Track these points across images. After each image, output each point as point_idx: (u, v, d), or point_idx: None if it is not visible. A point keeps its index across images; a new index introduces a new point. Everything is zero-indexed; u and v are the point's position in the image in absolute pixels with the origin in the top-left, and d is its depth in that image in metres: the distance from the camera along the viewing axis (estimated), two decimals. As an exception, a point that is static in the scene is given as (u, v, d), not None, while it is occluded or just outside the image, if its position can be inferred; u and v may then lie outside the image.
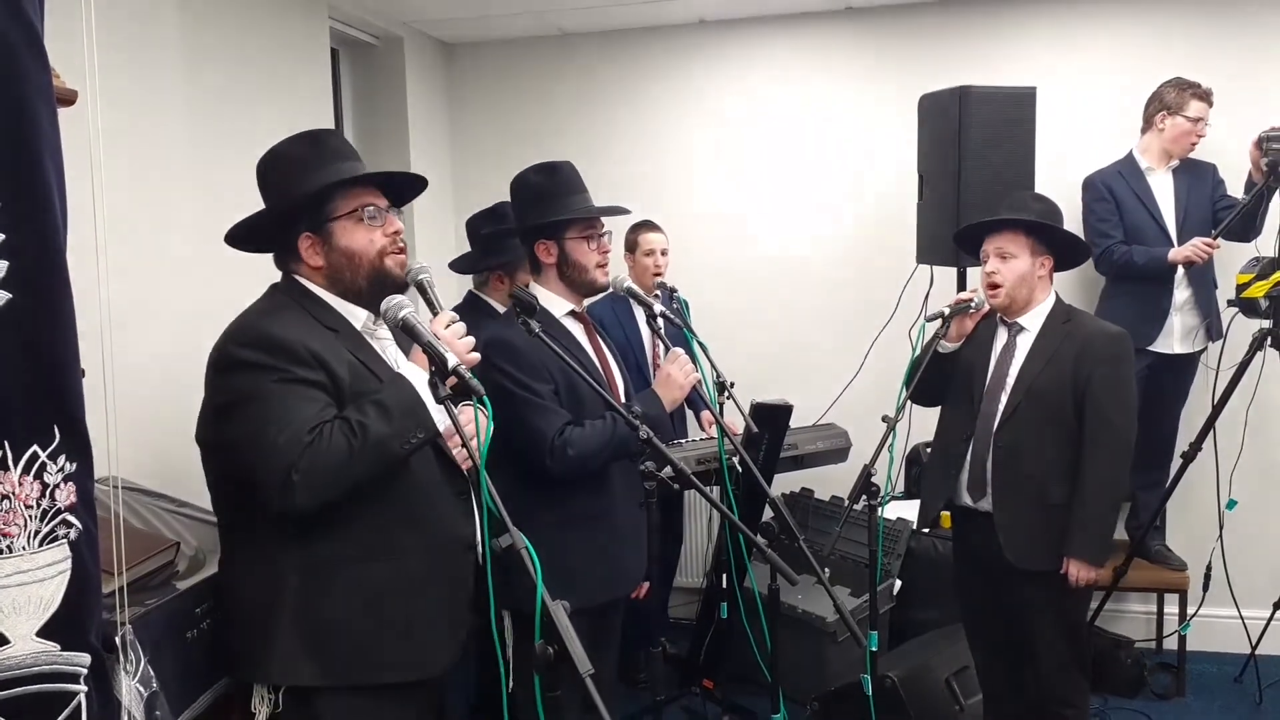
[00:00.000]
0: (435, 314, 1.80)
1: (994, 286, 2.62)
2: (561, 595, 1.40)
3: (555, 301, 2.40)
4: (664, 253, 3.80)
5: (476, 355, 1.81)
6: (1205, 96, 3.58)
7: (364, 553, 1.76)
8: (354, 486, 1.69)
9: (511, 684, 2.16)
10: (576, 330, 2.43)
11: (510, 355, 2.27)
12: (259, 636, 1.76)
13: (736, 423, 3.07)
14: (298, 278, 1.85)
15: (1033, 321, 2.66)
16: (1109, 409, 2.55)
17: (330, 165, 1.81)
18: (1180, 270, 3.57)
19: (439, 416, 1.71)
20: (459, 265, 3.45)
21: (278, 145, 1.86)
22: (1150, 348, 3.63)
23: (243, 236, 1.88)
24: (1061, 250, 2.68)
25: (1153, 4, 3.90)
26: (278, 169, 1.84)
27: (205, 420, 1.79)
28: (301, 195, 1.79)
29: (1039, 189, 3.27)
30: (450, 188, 4.51)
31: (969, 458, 2.69)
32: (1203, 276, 3.66)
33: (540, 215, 2.37)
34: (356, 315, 1.86)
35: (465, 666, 2.76)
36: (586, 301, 2.51)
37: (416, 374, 1.72)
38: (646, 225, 3.83)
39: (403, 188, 1.97)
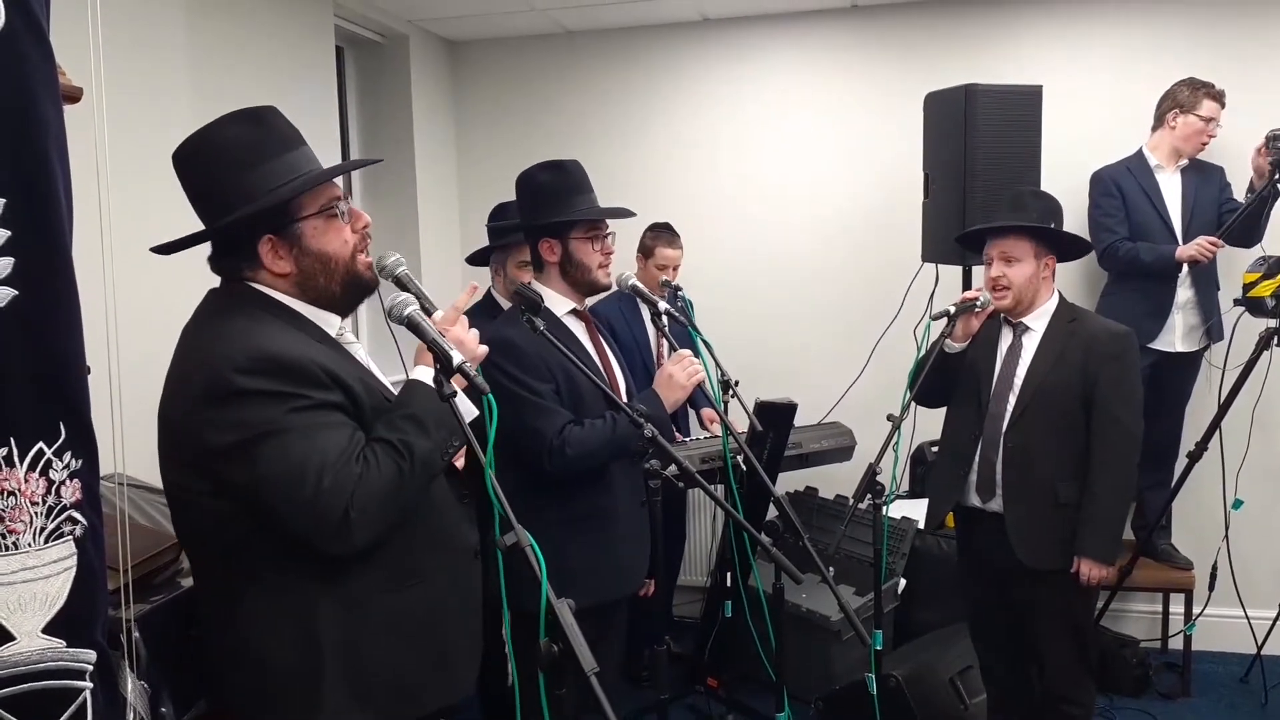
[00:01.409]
0: (426, 308, 1.65)
1: (999, 289, 2.62)
2: (565, 594, 1.39)
3: (557, 300, 2.39)
4: (676, 268, 3.79)
5: (484, 349, 1.73)
6: (1218, 97, 3.58)
7: (394, 580, 1.60)
8: (407, 510, 1.56)
9: (511, 680, 2.15)
10: (578, 329, 2.42)
11: (510, 354, 2.26)
12: (300, 697, 1.55)
13: (741, 422, 3.07)
14: (255, 285, 1.59)
15: (1038, 321, 2.65)
16: (1116, 407, 2.54)
17: (285, 154, 1.58)
18: (1185, 269, 3.57)
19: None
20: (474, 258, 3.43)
21: (208, 133, 1.58)
22: (1153, 346, 3.62)
23: (181, 243, 1.64)
24: (1064, 247, 2.69)
25: (1158, 3, 3.88)
26: (220, 164, 1.56)
27: (203, 462, 1.50)
28: (264, 198, 1.54)
29: (1044, 188, 3.27)
30: (455, 185, 4.51)
31: (977, 459, 2.68)
32: (1206, 276, 3.65)
33: (546, 213, 2.36)
34: (330, 322, 1.65)
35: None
36: (593, 300, 2.50)
37: (431, 377, 1.56)
38: (666, 238, 3.79)
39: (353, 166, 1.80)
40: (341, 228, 1.63)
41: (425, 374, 1.59)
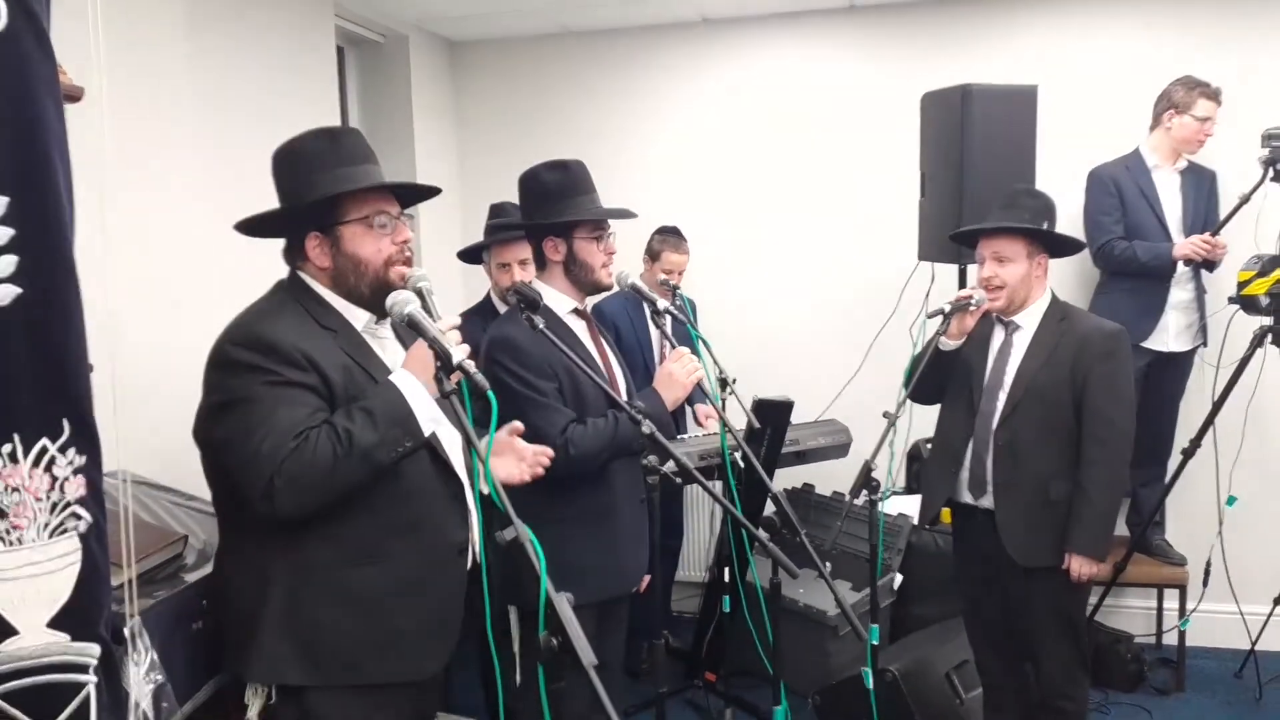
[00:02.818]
0: (430, 314, 1.75)
1: (992, 289, 2.64)
2: (569, 592, 1.40)
3: (559, 299, 2.40)
4: (681, 273, 3.82)
5: (466, 348, 1.75)
6: (1214, 96, 3.58)
7: (352, 557, 1.75)
8: (340, 493, 1.68)
9: (520, 678, 2.18)
10: (579, 328, 2.43)
11: (514, 352, 2.27)
12: (247, 634, 1.75)
13: (738, 419, 3.08)
14: (302, 275, 1.84)
15: (1029, 319, 2.67)
16: (1107, 405, 2.56)
17: (344, 167, 1.80)
18: (1180, 267, 3.59)
19: (437, 423, 1.71)
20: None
21: (295, 139, 1.84)
22: (1148, 345, 3.64)
23: (254, 226, 1.87)
24: (1057, 245, 2.71)
25: (1153, 2, 3.90)
26: (291, 164, 1.82)
27: (201, 417, 1.77)
28: (311, 197, 1.78)
29: (1040, 187, 3.28)
30: (456, 185, 4.52)
31: (969, 456, 2.70)
32: (1199, 276, 3.67)
33: (551, 213, 2.37)
34: (358, 316, 1.84)
35: (471, 668, 2.77)
36: (599, 299, 2.51)
37: (407, 380, 1.70)
38: (673, 242, 3.82)
39: (411, 192, 1.95)
40: (379, 237, 1.82)
41: (403, 377, 1.71)
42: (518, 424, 2.03)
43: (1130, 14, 3.92)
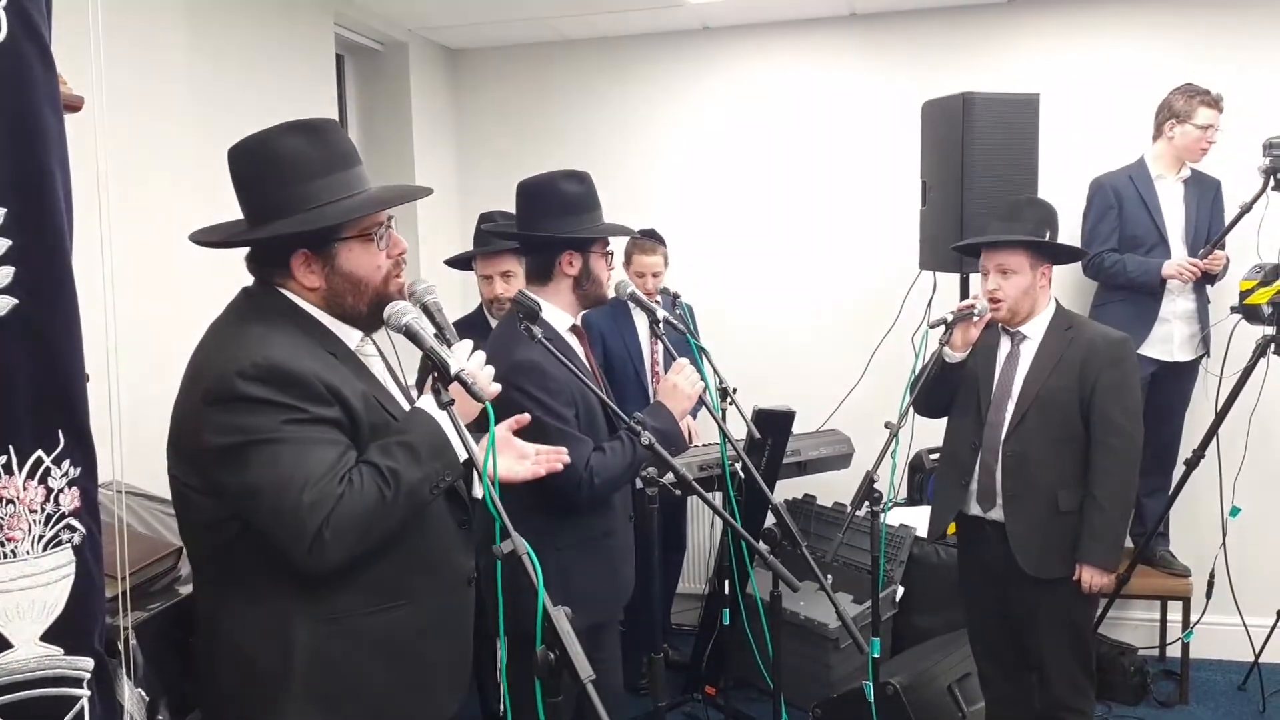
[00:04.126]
0: (447, 341, 1.61)
1: (996, 301, 2.63)
2: (578, 615, 1.37)
3: (559, 316, 2.34)
4: (655, 275, 3.67)
5: (498, 387, 1.69)
6: (1214, 103, 3.58)
7: (378, 601, 1.60)
8: (385, 537, 1.54)
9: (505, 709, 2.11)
10: (575, 345, 2.39)
11: (539, 380, 2.19)
12: (267, 701, 1.56)
13: (739, 429, 3.07)
14: (285, 292, 1.63)
15: (1035, 330, 2.66)
16: (1115, 413, 2.55)
17: (336, 174, 1.59)
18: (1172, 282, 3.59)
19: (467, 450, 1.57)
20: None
21: (266, 137, 1.59)
22: (1152, 355, 3.63)
23: (215, 238, 1.65)
24: (1061, 253, 2.71)
25: (1154, 10, 3.90)
26: (270, 169, 1.58)
27: (209, 464, 1.51)
28: (308, 216, 1.56)
29: (1041, 196, 3.28)
30: (455, 193, 4.52)
31: (977, 468, 2.69)
32: (1202, 287, 3.66)
33: (572, 226, 2.31)
34: (351, 336, 1.67)
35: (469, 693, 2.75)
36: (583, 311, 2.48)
37: (435, 408, 1.56)
38: (640, 245, 3.68)
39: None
40: (377, 253, 1.63)
41: (430, 403, 1.57)
42: (524, 417, 1.91)
43: (1133, 22, 3.92)
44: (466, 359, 1.61)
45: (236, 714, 1.61)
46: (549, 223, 2.34)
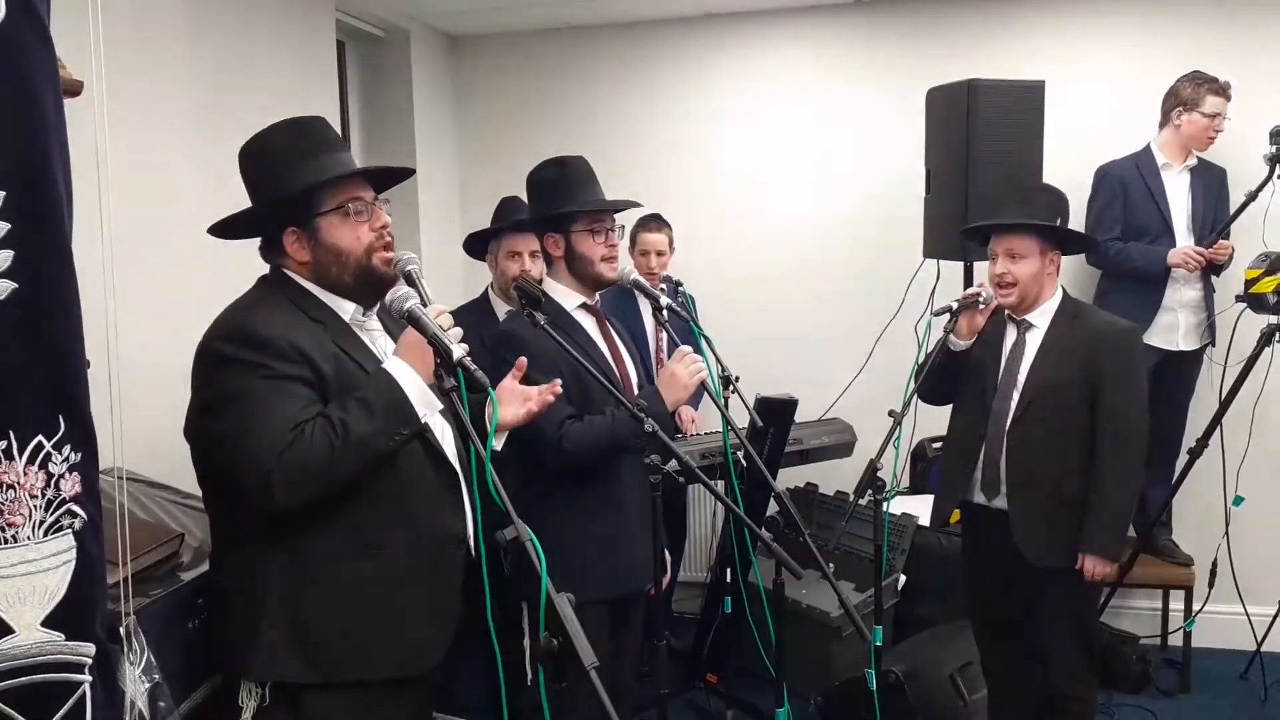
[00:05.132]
0: (423, 301, 1.75)
1: (1004, 286, 2.62)
2: (573, 586, 1.39)
3: (566, 295, 2.40)
4: (660, 254, 3.74)
5: (465, 346, 1.76)
6: (1222, 91, 3.55)
7: (349, 549, 1.74)
8: (337, 484, 1.67)
9: (531, 677, 2.16)
10: (588, 323, 2.42)
11: (516, 348, 2.25)
12: (243, 632, 1.74)
13: (741, 417, 3.06)
14: (285, 270, 1.83)
15: (1041, 318, 2.65)
16: (1121, 402, 2.54)
17: (315, 159, 1.78)
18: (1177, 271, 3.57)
19: (432, 409, 1.71)
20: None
21: (260, 136, 1.83)
22: (1157, 344, 3.62)
23: (229, 228, 1.86)
24: (1069, 241, 2.70)
25: (1162, -3, 3.88)
26: (260, 161, 1.81)
27: (192, 416, 1.75)
28: (286, 194, 1.76)
29: (1047, 182, 3.26)
30: (456, 180, 4.51)
31: (982, 456, 2.68)
32: (1207, 276, 3.65)
33: (549, 208, 2.39)
34: (344, 307, 1.83)
35: (474, 662, 2.76)
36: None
37: (401, 368, 1.70)
38: (645, 223, 3.78)
39: (385, 175, 1.94)
40: (357, 225, 1.80)
41: (397, 365, 1.71)
42: (522, 359, 2.04)
43: (1139, 8, 3.90)
44: (436, 317, 1.72)
45: (223, 634, 1.81)
46: (532, 208, 2.47)
